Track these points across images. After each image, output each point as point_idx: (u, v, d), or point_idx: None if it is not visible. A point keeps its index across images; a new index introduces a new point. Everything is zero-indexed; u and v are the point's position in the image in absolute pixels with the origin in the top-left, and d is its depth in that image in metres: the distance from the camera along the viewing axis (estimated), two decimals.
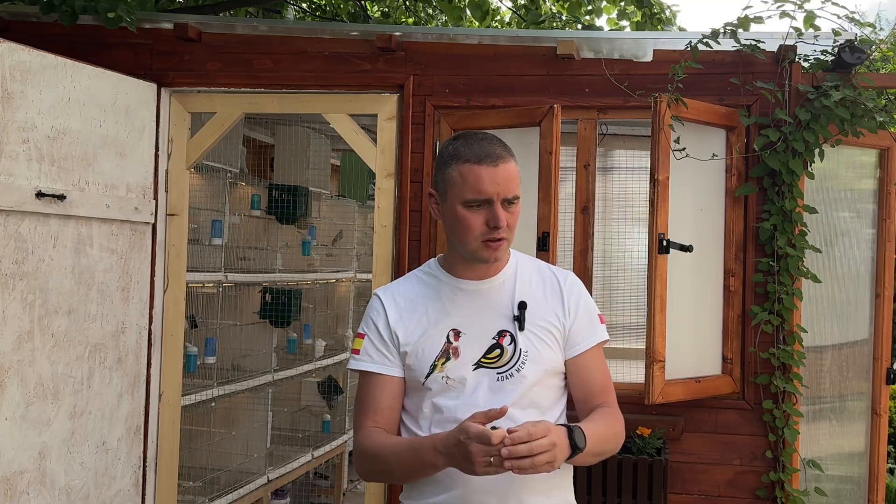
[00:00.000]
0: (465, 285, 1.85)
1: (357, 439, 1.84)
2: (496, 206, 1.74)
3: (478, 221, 1.75)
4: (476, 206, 1.75)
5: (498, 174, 1.74)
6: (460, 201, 1.76)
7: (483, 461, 1.55)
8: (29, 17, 3.85)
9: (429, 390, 1.80)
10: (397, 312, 1.85)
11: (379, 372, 1.84)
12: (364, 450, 1.80)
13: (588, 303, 1.91)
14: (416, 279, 1.92)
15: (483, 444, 1.54)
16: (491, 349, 1.80)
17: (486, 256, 1.79)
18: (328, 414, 5.52)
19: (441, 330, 1.82)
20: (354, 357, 1.87)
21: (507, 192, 1.75)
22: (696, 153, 3.32)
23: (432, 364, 1.80)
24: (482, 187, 1.73)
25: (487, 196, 1.73)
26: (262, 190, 4.95)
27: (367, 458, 1.80)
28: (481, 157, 1.74)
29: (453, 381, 1.78)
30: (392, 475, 1.82)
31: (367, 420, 1.83)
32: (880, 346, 3.69)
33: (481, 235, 1.76)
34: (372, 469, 1.82)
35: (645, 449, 3.25)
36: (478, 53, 3.63)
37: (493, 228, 1.74)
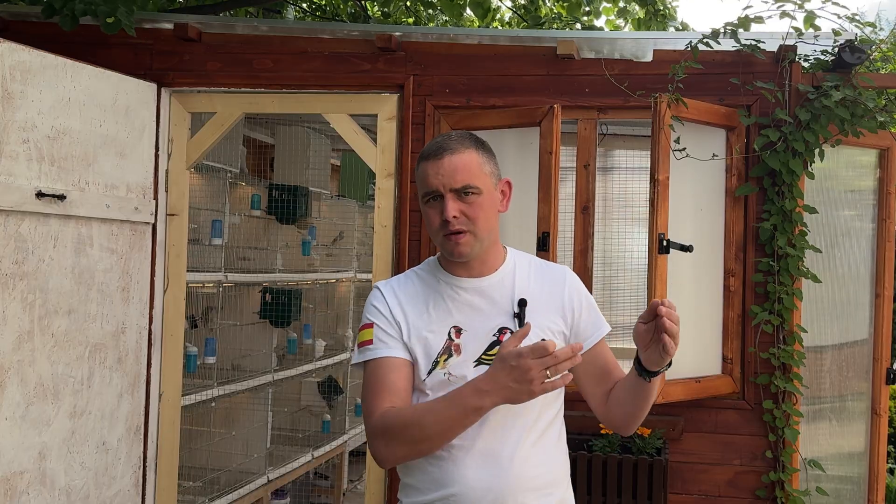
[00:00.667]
0: (465, 283, 1.86)
1: (375, 421, 1.74)
2: (446, 199, 1.77)
3: (434, 216, 1.79)
4: (431, 200, 1.79)
5: (441, 166, 1.77)
6: (420, 198, 1.82)
7: (542, 376, 1.54)
8: (29, 17, 3.85)
9: (430, 386, 1.80)
10: (399, 307, 1.85)
11: (395, 355, 1.80)
12: (390, 424, 1.71)
13: (588, 296, 1.95)
14: (416, 277, 1.92)
15: (539, 357, 1.53)
16: (492, 346, 1.81)
17: (449, 250, 1.81)
18: (328, 414, 5.52)
19: (443, 327, 1.82)
20: (367, 348, 1.81)
21: (452, 182, 1.76)
22: (696, 153, 3.32)
23: (434, 361, 1.80)
24: (427, 181, 1.78)
25: (433, 188, 1.77)
26: (262, 190, 4.95)
27: (395, 430, 1.70)
28: (428, 153, 1.80)
29: (455, 377, 1.79)
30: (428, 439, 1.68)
31: (382, 402, 1.75)
32: (880, 346, 3.69)
33: (440, 229, 1.79)
34: (404, 438, 1.70)
35: (645, 449, 3.25)
36: (478, 53, 3.63)
37: (445, 221, 1.77)
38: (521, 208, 3.38)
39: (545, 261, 1.99)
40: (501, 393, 1.58)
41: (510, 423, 1.77)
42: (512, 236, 3.42)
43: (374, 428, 1.74)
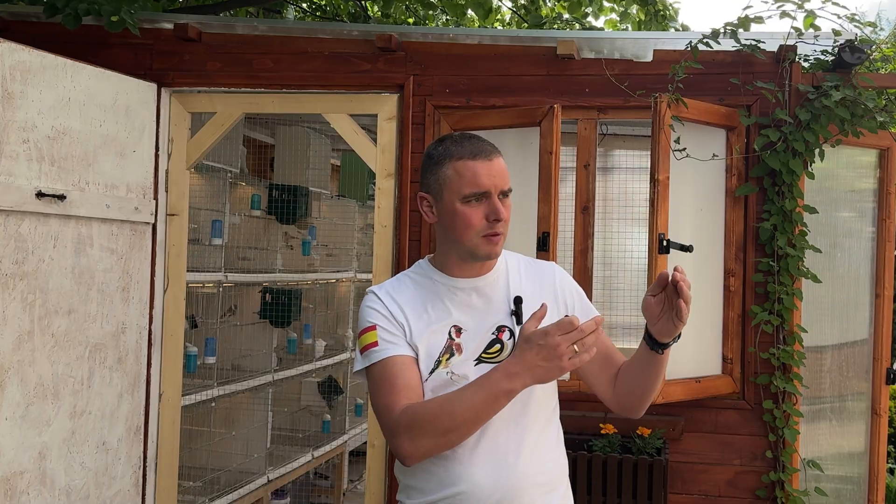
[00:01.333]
0: (461, 283, 1.87)
1: (397, 417, 1.70)
2: (494, 199, 1.77)
3: (477, 216, 1.78)
4: (475, 200, 1.77)
5: (493, 168, 1.78)
6: (459, 198, 1.78)
7: (570, 351, 1.56)
8: (29, 17, 3.85)
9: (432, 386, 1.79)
10: (398, 308, 1.84)
11: (403, 353, 1.78)
12: (417, 417, 1.68)
13: (577, 287, 1.98)
14: (410, 280, 1.91)
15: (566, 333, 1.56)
16: (491, 344, 1.82)
17: (486, 252, 1.81)
18: (328, 414, 5.53)
19: (443, 327, 1.83)
20: (373, 350, 1.78)
21: (503, 184, 1.79)
22: (697, 153, 3.32)
23: (437, 360, 1.80)
24: (480, 181, 1.76)
25: (485, 189, 1.77)
26: (262, 190, 4.95)
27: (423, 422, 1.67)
28: (475, 152, 1.78)
29: (458, 376, 1.79)
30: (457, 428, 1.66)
31: (400, 399, 1.72)
32: (880, 346, 3.68)
33: (481, 230, 1.78)
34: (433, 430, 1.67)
35: (645, 449, 3.25)
36: (478, 53, 3.63)
37: (493, 222, 1.77)
38: (522, 208, 3.38)
39: (531, 258, 2.02)
40: (532, 372, 1.60)
41: (512, 422, 1.78)
42: (512, 236, 3.40)
43: (396, 424, 1.70)
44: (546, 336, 1.57)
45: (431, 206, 1.84)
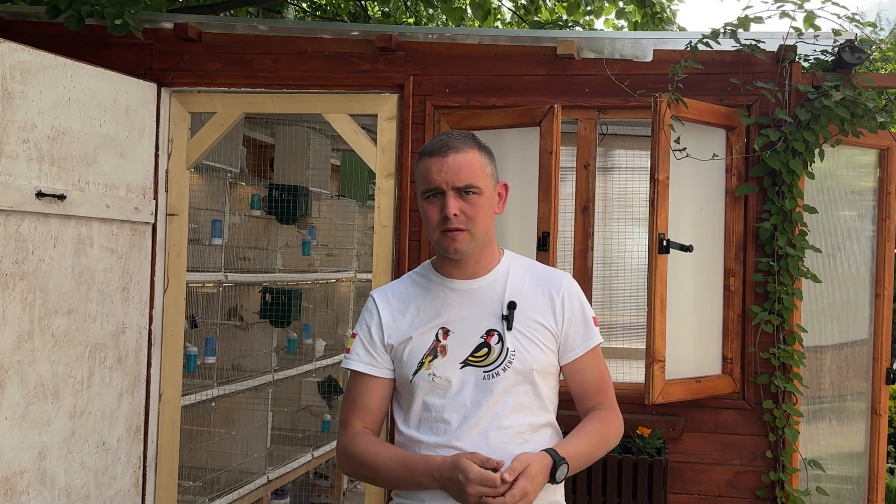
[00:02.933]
0: (456, 285, 1.87)
1: (344, 438, 1.87)
2: (447, 196, 1.79)
3: (434, 213, 1.80)
4: (431, 196, 1.81)
5: (446, 163, 1.79)
6: (420, 194, 1.84)
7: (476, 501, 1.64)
8: (29, 17, 3.85)
9: (417, 388, 1.83)
10: (390, 312, 1.89)
11: (367, 373, 1.88)
12: (352, 454, 1.84)
13: (583, 307, 1.92)
14: (410, 280, 1.95)
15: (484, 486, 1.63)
16: (479, 348, 1.82)
17: (445, 247, 1.82)
18: (328, 414, 5.52)
19: (431, 328, 1.84)
20: (346, 356, 1.92)
21: (456, 180, 1.78)
22: (697, 153, 3.32)
23: (420, 361, 1.82)
24: (430, 177, 1.80)
25: (435, 185, 1.79)
26: (262, 190, 4.95)
27: (354, 461, 1.85)
28: (433, 149, 1.81)
29: (440, 378, 1.80)
30: (377, 482, 1.90)
31: (354, 419, 1.88)
32: (880, 346, 3.69)
33: (438, 226, 1.80)
34: (357, 472, 1.88)
35: (645, 449, 3.25)
36: (478, 53, 3.63)
37: (444, 218, 1.78)
38: (522, 208, 3.38)
39: (548, 267, 2.00)
40: (446, 489, 1.71)
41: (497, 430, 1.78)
42: (512, 236, 3.42)
43: (341, 447, 1.89)
44: (465, 477, 1.64)
45: None
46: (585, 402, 1.92)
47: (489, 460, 1.67)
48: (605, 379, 1.94)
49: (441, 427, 1.79)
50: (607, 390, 1.93)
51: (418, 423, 1.83)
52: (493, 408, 1.78)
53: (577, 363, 1.89)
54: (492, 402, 1.78)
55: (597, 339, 1.92)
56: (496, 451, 1.75)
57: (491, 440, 1.76)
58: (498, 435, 1.77)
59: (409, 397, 1.85)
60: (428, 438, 1.80)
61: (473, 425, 1.77)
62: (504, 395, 1.79)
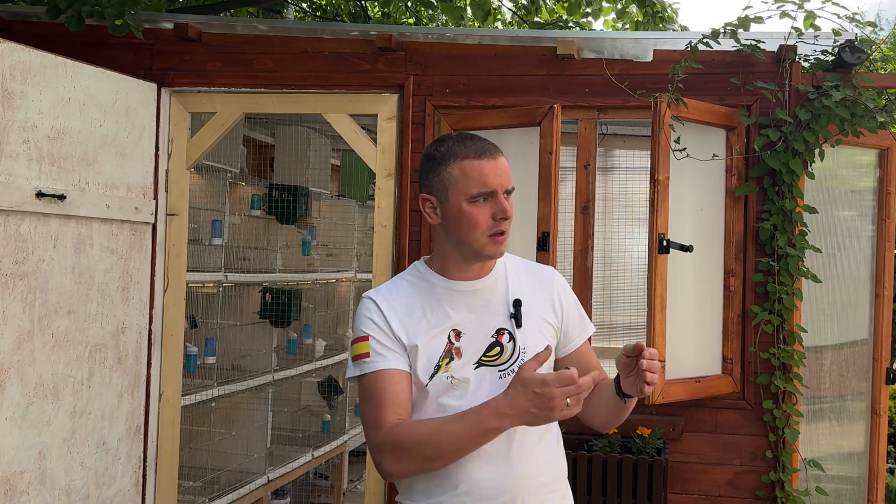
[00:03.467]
0: (460, 286, 1.86)
1: (384, 435, 1.72)
2: (501, 198, 1.77)
3: (484, 216, 1.77)
4: (482, 200, 1.77)
5: (498, 167, 1.78)
6: (466, 198, 1.77)
7: (563, 404, 1.58)
8: (29, 17, 3.85)
9: (434, 391, 1.79)
10: (395, 315, 1.82)
11: (394, 367, 1.78)
12: (402, 440, 1.70)
13: (574, 299, 1.98)
14: (406, 283, 1.89)
15: (564, 386, 1.57)
16: (491, 347, 1.81)
17: (492, 251, 1.81)
18: (328, 414, 5.52)
19: (442, 331, 1.82)
20: (364, 361, 1.78)
21: (507, 183, 1.79)
22: (697, 153, 3.32)
23: (437, 365, 1.79)
24: (487, 180, 1.76)
25: (492, 188, 1.77)
26: (262, 190, 4.95)
27: (407, 447, 1.70)
28: (480, 151, 1.78)
29: (458, 380, 1.79)
30: (441, 457, 1.70)
31: (388, 415, 1.73)
32: (880, 346, 3.68)
33: (488, 230, 1.78)
34: (417, 456, 1.70)
35: (645, 449, 3.25)
36: (478, 53, 3.63)
37: (500, 220, 1.77)
38: (522, 208, 3.38)
39: (531, 262, 2.02)
40: (522, 417, 1.62)
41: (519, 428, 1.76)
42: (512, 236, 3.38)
43: (382, 443, 1.72)
44: (544, 385, 1.57)
45: (435, 207, 1.82)
46: None
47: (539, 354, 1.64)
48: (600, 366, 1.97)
49: None
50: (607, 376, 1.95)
51: None
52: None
53: (580, 350, 1.93)
54: None
55: (591, 329, 1.97)
56: (517, 447, 1.77)
57: (515, 433, 1.75)
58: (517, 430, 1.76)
59: (422, 401, 1.81)
60: None
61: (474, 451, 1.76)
62: None
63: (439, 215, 1.82)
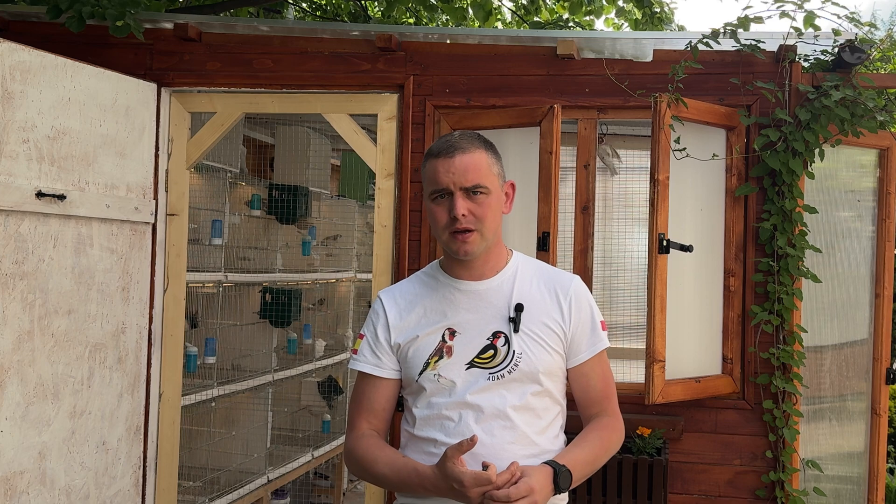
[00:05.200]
0: (463, 286, 1.86)
1: (350, 438, 1.90)
2: (455, 196, 1.78)
3: (442, 214, 1.80)
4: (439, 197, 1.81)
5: (453, 164, 1.78)
6: (427, 195, 1.84)
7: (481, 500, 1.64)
8: (29, 17, 3.85)
9: (423, 388, 1.82)
10: (397, 311, 1.88)
11: (373, 374, 1.89)
12: (355, 456, 1.87)
13: (591, 310, 1.91)
14: (418, 280, 1.95)
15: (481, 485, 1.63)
16: (485, 349, 1.82)
17: (455, 249, 1.82)
18: (328, 414, 5.53)
19: (438, 329, 1.83)
20: (353, 357, 1.93)
21: (463, 181, 1.78)
22: (697, 153, 3.32)
23: (426, 362, 1.82)
24: (438, 178, 1.80)
25: (443, 186, 1.79)
26: (262, 190, 4.95)
27: (356, 464, 1.87)
28: (440, 150, 1.81)
29: (445, 379, 1.80)
30: (383, 486, 1.90)
31: (361, 421, 1.89)
32: (880, 346, 3.68)
33: (447, 227, 1.80)
34: (360, 473, 1.89)
35: (645, 449, 3.25)
36: (478, 53, 3.63)
37: (453, 219, 1.78)
38: (522, 208, 3.38)
39: (558, 269, 1.99)
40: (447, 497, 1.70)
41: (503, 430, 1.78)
42: (512, 236, 3.42)
43: (347, 448, 1.91)
44: (461, 485, 1.64)
45: None
46: (589, 407, 1.92)
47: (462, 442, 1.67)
48: (610, 384, 1.93)
49: (450, 426, 1.79)
50: (611, 396, 1.93)
51: (426, 422, 1.82)
52: (499, 409, 1.77)
53: (583, 367, 1.89)
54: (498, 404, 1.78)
55: (604, 344, 1.91)
56: (502, 452, 1.76)
57: (497, 441, 1.76)
58: (504, 435, 1.77)
59: (415, 397, 1.85)
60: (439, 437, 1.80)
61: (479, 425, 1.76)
62: (510, 396, 1.78)
63: None
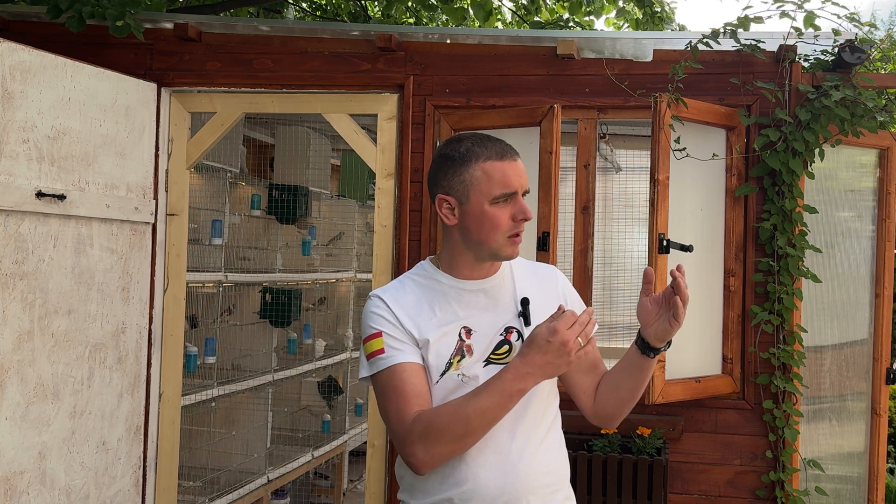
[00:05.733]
0: (468, 285, 1.86)
1: (410, 426, 1.70)
2: (520, 199, 1.80)
3: (505, 217, 1.79)
4: (503, 201, 1.79)
5: (519, 168, 1.81)
6: (488, 199, 1.78)
7: (577, 344, 1.65)
8: (29, 17, 3.85)
9: (445, 388, 1.78)
10: (404, 311, 1.82)
11: (411, 360, 1.77)
12: (431, 425, 1.69)
13: (578, 295, 2.02)
14: (413, 283, 1.89)
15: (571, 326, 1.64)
16: (499, 345, 1.82)
17: (509, 252, 1.82)
18: (328, 414, 5.53)
19: (453, 328, 1.82)
20: (379, 357, 1.76)
21: (526, 184, 1.82)
22: (697, 153, 3.32)
23: (448, 362, 1.80)
24: (510, 181, 1.78)
25: (514, 189, 1.79)
26: (262, 190, 4.95)
27: (437, 430, 1.68)
28: (502, 153, 1.80)
29: (468, 377, 1.79)
30: (472, 432, 1.69)
31: (412, 406, 1.72)
32: (880, 345, 3.68)
33: (507, 231, 1.80)
34: (448, 436, 1.68)
35: (645, 449, 3.25)
36: (478, 53, 3.63)
37: (520, 221, 1.80)
38: None
39: (531, 261, 2.04)
40: (543, 370, 1.67)
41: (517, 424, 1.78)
42: None
43: (410, 432, 1.70)
44: (555, 333, 1.63)
45: (453, 208, 1.81)
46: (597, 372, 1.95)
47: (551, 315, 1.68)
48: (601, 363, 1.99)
49: None
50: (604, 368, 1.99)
51: None
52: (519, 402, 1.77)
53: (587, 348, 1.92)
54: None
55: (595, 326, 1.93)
56: (520, 448, 1.77)
57: (518, 433, 1.77)
58: (524, 427, 1.79)
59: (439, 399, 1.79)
60: None
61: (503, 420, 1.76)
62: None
63: (457, 216, 1.81)
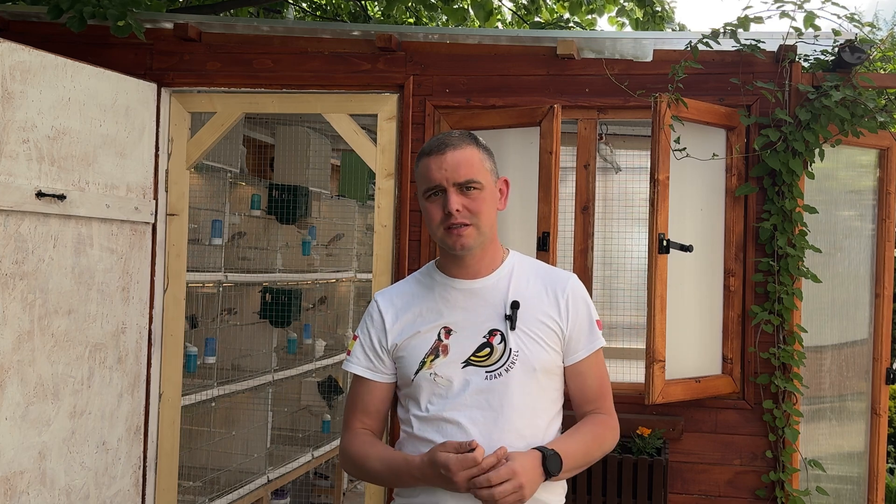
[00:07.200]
0: (459, 284, 1.87)
1: (344, 438, 1.93)
2: (448, 192, 1.80)
3: (436, 211, 1.82)
4: (433, 195, 1.82)
5: (445, 161, 1.80)
6: (421, 194, 1.85)
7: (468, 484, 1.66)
8: (29, 17, 3.85)
9: (419, 387, 1.82)
10: (393, 312, 1.90)
11: (366, 377, 1.91)
12: (349, 454, 1.90)
13: (588, 309, 1.92)
14: (414, 280, 1.96)
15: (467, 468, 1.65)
16: (481, 348, 1.82)
17: (451, 244, 1.82)
18: (328, 414, 5.53)
19: (433, 328, 1.84)
20: (347, 358, 1.95)
21: (456, 176, 1.80)
22: (697, 153, 3.32)
23: (421, 361, 1.82)
24: (430, 175, 1.81)
25: (436, 183, 1.80)
26: (262, 190, 4.95)
27: (350, 461, 1.90)
28: (431, 148, 1.83)
29: (441, 378, 1.80)
30: (376, 482, 1.92)
31: (355, 421, 1.92)
32: (880, 345, 3.68)
33: (441, 223, 1.81)
34: (354, 471, 1.92)
35: (645, 449, 3.25)
36: (478, 53, 3.63)
37: (447, 214, 1.79)
38: (522, 208, 3.38)
39: (554, 268, 1.99)
40: (433, 483, 1.73)
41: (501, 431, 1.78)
42: (512, 236, 3.42)
43: (342, 447, 1.94)
44: (447, 470, 1.65)
45: None
46: (584, 406, 1.92)
47: (462, 444, 1.68)
48: (605, 384, 1.94)
49: (446, 427, 1.78)
50: (606, 395, 1.94)
51: (424, 424, 1.82)
52: (497, 408, 1.77)
53: (580, 366, 1.89)
54: (495, 403, 1.77)
55: (600, 343, 1.91)
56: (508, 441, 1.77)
57: (495, 441, 1.75)
58: (502, 436, 1.76)
59: (415, 397, 1.84)
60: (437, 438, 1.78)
61: (477, 425, 1.76)
62: (507, 395, 1.78)
63: None
